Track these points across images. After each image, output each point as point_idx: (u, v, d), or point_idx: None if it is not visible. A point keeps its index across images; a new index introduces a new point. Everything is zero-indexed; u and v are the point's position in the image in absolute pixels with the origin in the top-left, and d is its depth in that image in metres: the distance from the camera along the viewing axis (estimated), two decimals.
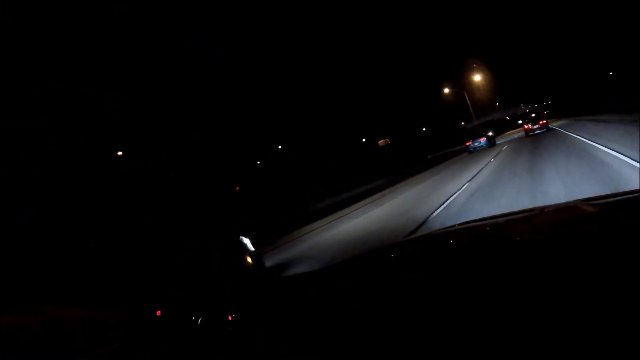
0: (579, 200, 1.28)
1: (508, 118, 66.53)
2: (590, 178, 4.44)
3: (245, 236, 4.03)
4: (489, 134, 20.13)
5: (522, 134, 19.25)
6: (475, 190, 6.46)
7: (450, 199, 6.27)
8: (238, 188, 24.80)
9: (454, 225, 1.63)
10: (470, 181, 7.69)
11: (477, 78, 35.76)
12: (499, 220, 1.39)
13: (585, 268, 0.67)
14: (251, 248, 3.92)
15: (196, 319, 0.86)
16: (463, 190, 6.84)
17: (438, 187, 8.64)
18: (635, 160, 4.38)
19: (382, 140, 31.17)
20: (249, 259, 3.70)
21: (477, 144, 19.06)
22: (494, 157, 11.67)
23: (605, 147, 6.02)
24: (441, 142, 42.56)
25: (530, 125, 17.81)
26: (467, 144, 19.94)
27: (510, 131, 35.18)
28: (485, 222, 1.49)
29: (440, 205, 5.96)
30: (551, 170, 5.88)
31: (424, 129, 49.21)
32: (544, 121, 17.22)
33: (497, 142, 20.06)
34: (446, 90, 35.44)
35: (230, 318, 0.88)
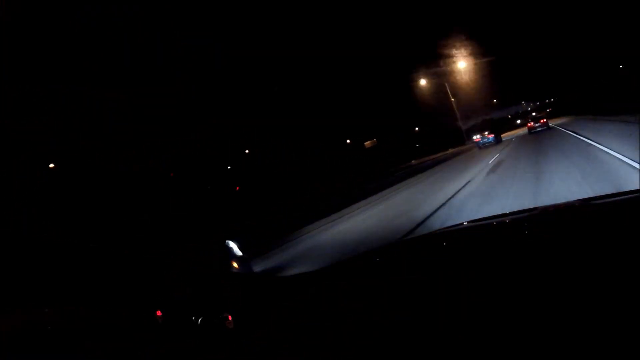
0: (579, 200, 1.28)
1: (510, 117, 65.70)
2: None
3: (233, 240, 3.94)
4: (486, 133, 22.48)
5: (520, 136, 21.35)
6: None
7: None
8: (238, 188, 24.79)
9: (454, 225, 1.63)
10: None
11: (462, 65, 30.22)
12: (499, 220, 1.39)
13: (586, 268, 0.67)
14: (238, 252, 3.83)
15: (196, 319, 0.86)
16: None
17: None
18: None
19: (369, 142, 29.55)
20: (235, 264, 3.65)
21: (486, 140, 21.00)
22: (497, 154, 12.80)
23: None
24: (437, 143, 39.58)
25: (532, 124, 20.52)
26: (477, 140, 22.03)
27: (507, 132, 31.92)
28: (485, 222, 1.49)
29: None
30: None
31: (417, 129, 46.33)
32: (544, 120, 20.24)
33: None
34: (423, 82, 30.78)
35: (230, 318, 0.88)
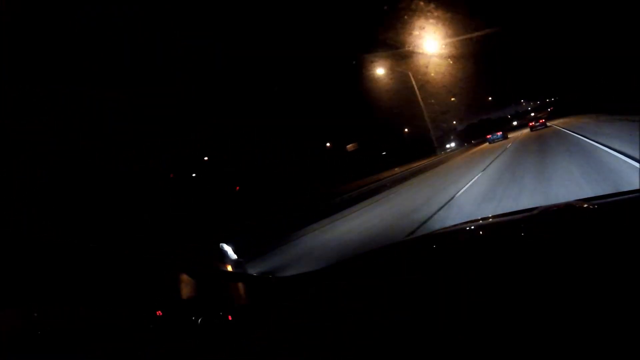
0: (579, 200, 1.28)
1: (510, 116, 64.83)
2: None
3: (228, 243, 3.91)
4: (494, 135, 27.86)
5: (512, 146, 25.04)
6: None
7: None
8: (238, 188, 24.76)
9: (454, 226, 1.63)
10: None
11: (434, 46, 21.78)
12: (499, 220, 1.39)
13: (586, 268, 0.67)
14: (233, 256, 3.81)
15: (196, 319, 0.86)
16: None
17: None
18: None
19: (351, 145, 26.18)
20: (230, 268, 3.63)
21: (496, 137, 26.66)
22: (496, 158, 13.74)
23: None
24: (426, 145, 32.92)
25: (533, 123, 26.27)
26: (488, 136, 27.76)
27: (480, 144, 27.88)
28: (485, 222, 1.49)
29: None
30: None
31: (406, 130, 41.63)
32: (543, 120, 25.77)
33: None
34: (380, 72, 23.40)
35: (230, 318, 0.88)
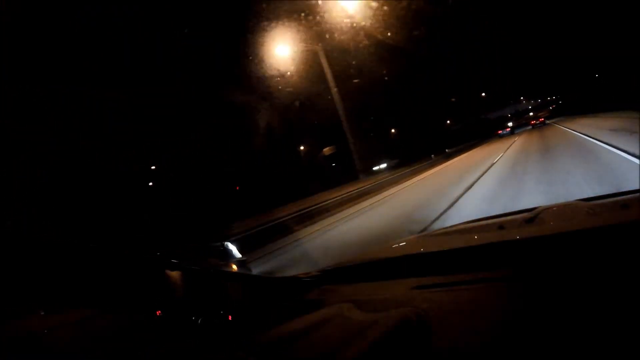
0: (579, 200, 1.28)
1: (509, 115, 64.45)
2: None
3: (232, 242, 3.95)
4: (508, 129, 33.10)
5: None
6: None
7: None
8: (238, 188, 24.72)
9: (454, 226, 1.63)
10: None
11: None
12: (499, 220, 1.39)
13: (586, 268, 0.67)
14: (237, 255, 3.86)
15: (196, 319, 0.86)
16: None
17: None
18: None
19: (328, 148, 22.58)
20: (234, 267, 3.66)
21: (505, 132, 31.50)
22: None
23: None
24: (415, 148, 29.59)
25: (534, 121, 31.39)
26: (499, 132, 33.45)
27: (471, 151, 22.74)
28: (485, 222, 1.49)
29: None
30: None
31: (393, 130, 38.63)
32: (542, 119, 31.26)
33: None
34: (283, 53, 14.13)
35: (230, 318, 0.88)
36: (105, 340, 0.80)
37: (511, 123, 46.76)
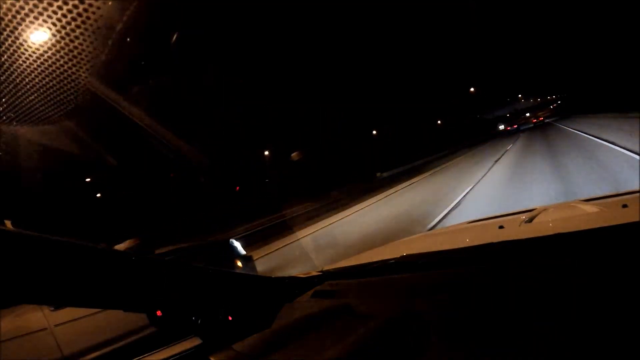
0: (579, 200, 1.28)
1: (508, 115, 64.30)
2: None
3: (237, 239, 3.98)
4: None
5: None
6: None
7: None
8: (238, 188, 24.69)
9: (454, 226, 1.63)
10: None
11: None
12: (499, 220, 1.39)
13: (585, 269, 0.67)
14: (242, 252, 3.87)
15: (196, 319, 0.86)
16: None
17: None
18: None
19: (295, 153, 21.82)
20: (239, 263, 3.67)
21: (513, 129, 33.21)
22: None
23: None
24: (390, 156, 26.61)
25: (535, 120, 36.26)
26: (508, 128, 36.36)
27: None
28: (485, 222, 1.49)
29: None
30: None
31: (374, 132, 34.91)
32: (542, 118, 36.96)
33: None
34: None
35: (230, 318, 0.88)
36: (106, 339, 0.80)
37: (502, 126, 44.24)
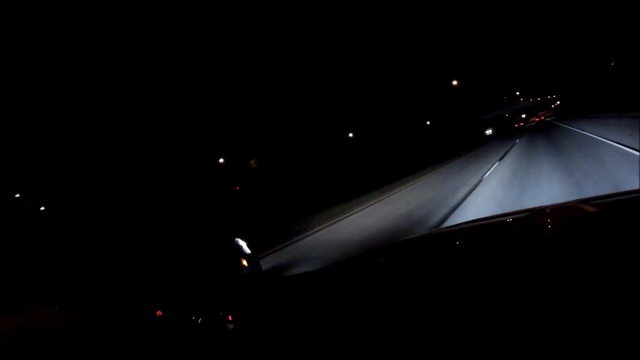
0: (579, 200, 1.28)
1: (507, 115, 64.47)
2: None
3: (242, 238, 3.94)
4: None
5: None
6: None
7: None
8: (238, 188, 24.70)
9: (454, 225, 1.63)
10: None
11: None
12: (499, 220, 1.39)
13: (585, 268, 0.67)
14: (247, 250, 3.84)
15: (196, 319, 0.86)
16: None
17: None
18: None
19: (253, 160, 20.26)
20: (244, 262, 3.65)
21: (525, 124, 36.46)
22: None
23: None
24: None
25: (536, 119, 40.71)
26: (515, 126, 36.95)
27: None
28: (485, 222, 1.49)
29: None
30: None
31: (351, 135, 29.93)
32: (542, 117, 42.29)
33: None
34: None
35: (230, 318, 0.88)
36: (106, 339, 0.80)
37: (489, 131, 40.05)
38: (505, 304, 0.65)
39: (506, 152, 12.95)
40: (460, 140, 31.81)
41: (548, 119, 36.62)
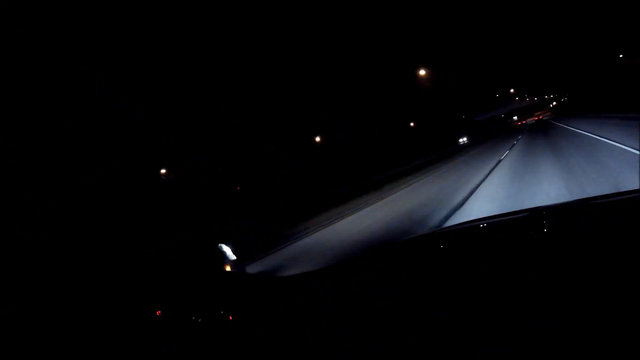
0: (579, 200, 1.28)
1: (503, 115, 64.77)
2: None
3: (227, 243, 3.84)
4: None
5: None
6: None
7: None
8: (238, 188, 24.71)
9: (454, 225, 1.63)
10: None
11: None
12: (499, 220, 1.39)
13: (585, 269, 0.67)
14: (232, 257, 3.79)
15: (196, 319, 0.86)
16: None
17: None
18: None
19: (163, 171, 18.14)
20: (229, 268, 3.61)
21: (525, 123, 38.67)
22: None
23: None
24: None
25: (536, 118, 44.81)
26: (519, 123, 41.24)
27: None
28: (485, 222, 1.49)
29: None
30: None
31: (318, 139, 27.77)
32: (541, 116, 44.59)
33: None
34: None
35: (230, 318, 0.88)
36: (106, 339, 0.80)
37: (464, 139, 33.31)
38: (505, 304, 0.65)
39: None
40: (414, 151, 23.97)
41: (545, 118, 38.62)
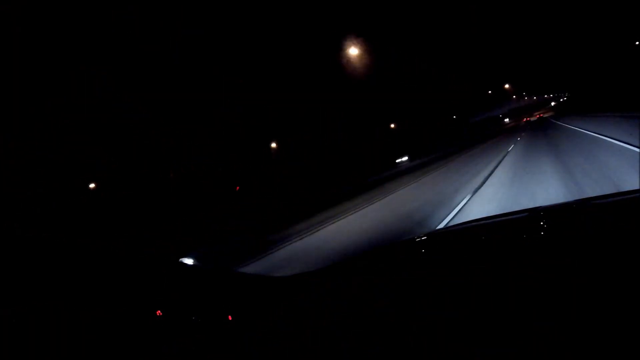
0: (579, 200, 1.28)
1: (501, 116, 65.06)
2: None
3: (191, 256, 3.54)
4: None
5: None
6: None
7: None
8: (238, 188, 24.69)
9: (454, 225, 1.63)
10: None
11: None
12: (499, 220, 1.39)
13: (585, 268, 0.67)
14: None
15: (196, 319, 0.86)
16: None
17: None
18: None
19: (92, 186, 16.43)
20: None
21: (527, 121, 41.29)
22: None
23: None
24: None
25: (537, 116, 44.96)
26: (524, 120, 39.30)
27: None
28: (485, 222, 1.49)
29: None
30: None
31: (272, 145, 26.13)
32: (541, 115, 44.65)
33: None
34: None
35: (230, 318, 0.88)
36: (106, 340, 0.80)
37: (404, 159, 31.13)
38: (505, 304, 0.65)
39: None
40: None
41: (546, 116, 40.41)
